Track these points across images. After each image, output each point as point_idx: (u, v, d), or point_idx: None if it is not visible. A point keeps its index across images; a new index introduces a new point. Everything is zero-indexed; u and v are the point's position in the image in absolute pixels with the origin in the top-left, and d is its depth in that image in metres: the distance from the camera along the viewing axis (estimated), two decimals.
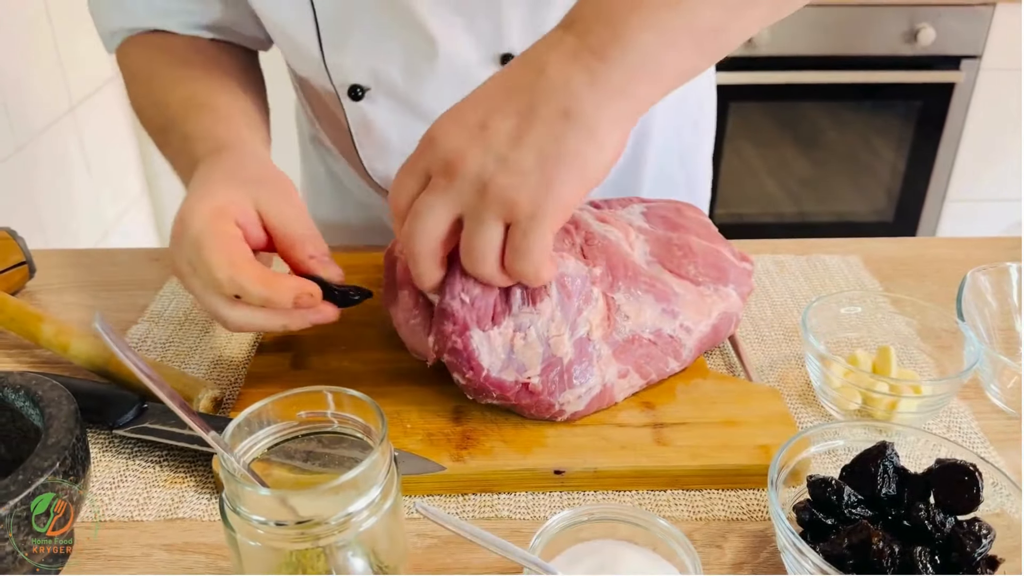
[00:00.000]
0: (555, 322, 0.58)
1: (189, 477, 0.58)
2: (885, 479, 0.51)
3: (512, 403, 0.58)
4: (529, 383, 0.57)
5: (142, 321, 0.74)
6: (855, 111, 2.15)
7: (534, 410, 0.58)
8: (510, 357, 0.57)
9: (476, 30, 0.74)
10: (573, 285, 0.59)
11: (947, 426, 0.63)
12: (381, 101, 0.78)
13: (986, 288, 0.71)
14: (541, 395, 0.57)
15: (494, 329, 0.57)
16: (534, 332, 0.57)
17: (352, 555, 0.44)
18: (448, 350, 0.57)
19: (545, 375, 0.57)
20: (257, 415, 0.44)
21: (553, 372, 0.57)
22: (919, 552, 0.46)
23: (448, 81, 0.76)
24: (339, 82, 0.77)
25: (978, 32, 1.99)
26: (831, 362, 0.62)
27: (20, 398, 0.52)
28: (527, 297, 0.57)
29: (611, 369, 0.59)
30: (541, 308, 0.57)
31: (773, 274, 0.82)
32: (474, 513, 0.55)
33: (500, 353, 0.57)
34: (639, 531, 0.49)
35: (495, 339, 0.57)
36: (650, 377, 0.62)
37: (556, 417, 0.58)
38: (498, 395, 0.57)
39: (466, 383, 0.58)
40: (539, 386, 0.57)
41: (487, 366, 0.57)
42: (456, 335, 0.56)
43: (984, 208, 2.21)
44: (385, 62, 0.76)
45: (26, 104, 1.66)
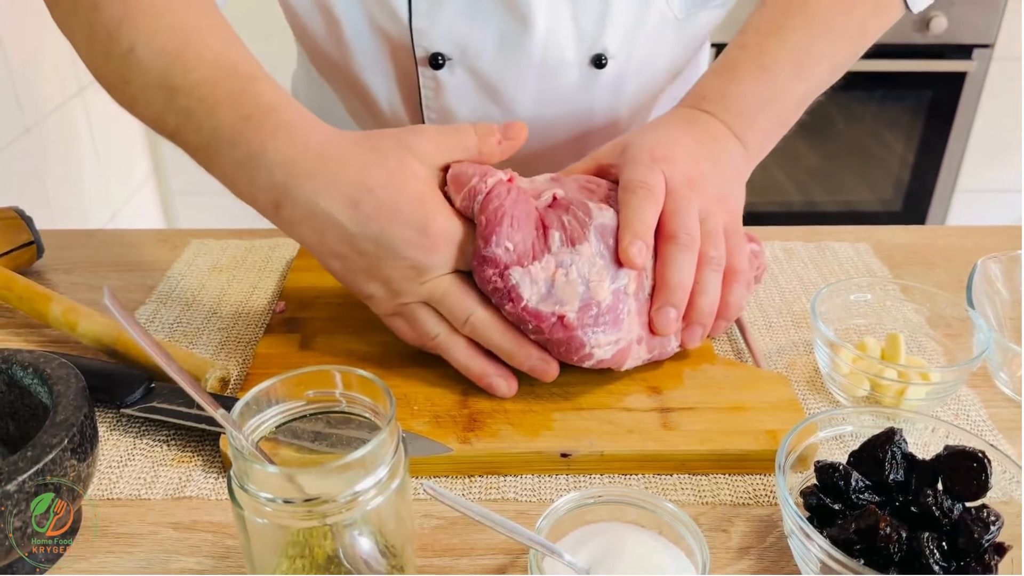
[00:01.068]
0: (596, 268, 0.58)
1: (196, 456, 0.58)
2: (893, 465, 0.50)
3: (546, 336, 0.58)
4: (565, 317, 0.57)
5: (150, 301, 0.75)
6: (865, 101, 2.14)
7: (564, 347, 0.58)
8: (550, 291, 0.57)
9: (580, 23, 0.74)
10: (613, 237, 0.59)
11: (955, 414, 0.63)
12: (459, 73, 0.77)
13: (996, 276, 0.70)
14: (575, 331, 0.57)
15: (535, 264, 0.57)
16: (575, 271, 0.58)
17: (359, 534, 0.44)
18: (489, 290, 0.58)
19: (582, 313, 0.57)
20: (265, 394, 0.44)
21: (590, 313, 0.57)
22: (926, 538, 0.46)
23: (534, 70, 0.76)
24: (423, 48, 0.75)
25: (990, 21, 1.98)
26: (840, 348, 0.61)
27: (29, 376, 0.52)
28: (565, 239, 0.58)
29: (635, 329, 0.60)
30: (580, 250, 0.58)
31: (782, 261, 0.82)
32: (480, 495, 0.56)
33: (541, 286, 0.57)
34: (645, 514, 0.49)
35: (537, 273, 0.57)
36: (654, 351, 0.62)
37: (583, 360, 0.58)
38: (534, 326, 0.57)
39: (506, 315, 0.58)
40: (574, 322, 0.57)
41: (527, 297, 0.57)
42: (496, 276, 0.57)
43: (994, 198, 2.20)
44: (478, 37, 0.74)
45: (35, 86, 1.66)
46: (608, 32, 0.75)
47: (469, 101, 0.78)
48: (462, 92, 0.78)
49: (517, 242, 0.57)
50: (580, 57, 0.76)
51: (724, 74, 0.69)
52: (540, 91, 0.77)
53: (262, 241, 0.84)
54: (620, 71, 0.78)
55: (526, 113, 0.79)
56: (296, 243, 0.82)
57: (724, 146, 0.66)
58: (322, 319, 0.69)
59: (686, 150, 0.63)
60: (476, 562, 0.51)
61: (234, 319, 0.72)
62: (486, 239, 0.57)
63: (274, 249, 0.82)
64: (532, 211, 0.59)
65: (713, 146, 0.65)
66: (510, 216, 0.57)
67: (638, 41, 0.77)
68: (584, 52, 0.76)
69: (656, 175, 0.61)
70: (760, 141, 0.69)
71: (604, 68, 0.77)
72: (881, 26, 0.74)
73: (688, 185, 0.61)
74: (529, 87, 0.77)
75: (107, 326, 0.66)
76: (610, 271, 0.58)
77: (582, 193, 0.62)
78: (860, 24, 0.73)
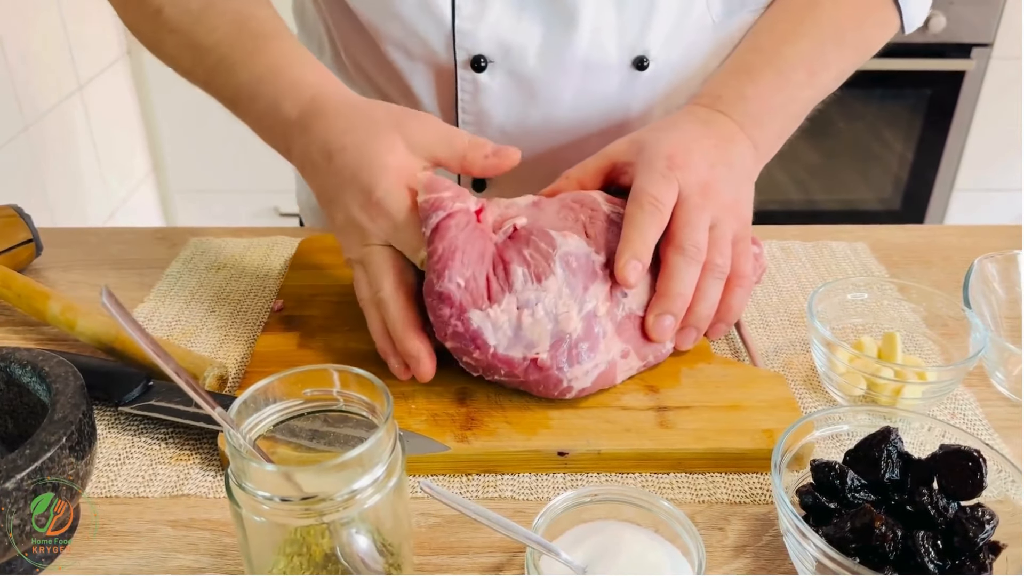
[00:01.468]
0: (563, 299, 0.58)
1: (194, 454, 0.58)
2: (889, 464, 0.51)
3: (520, 380, 0.58)
4: (538, 359, 0.57)
5: (148, 299, 0.75)
6: (864, 99, 2.14)
7: (542, 387, 0.58)
8: (518, 334, 0.57)
9: (624, 25, 0.75)
10: (578, 262, 0.59)
11: (951, 413, 0.63)
12: (499, 76, 0.77)
13: (993, 276, 0.70)
14: (550, 370, 0.57)
15: (493, 307, 0.57)
16: (542, 309, 0.57)
17: (356, 532, 0.44)
18: (450, 335, 0.57)
19: (554, 351, 0.57)
20: (263, 392, 0.45)
21: (562, 348, 0.57)
22: (922, 536, 0.46)
23: (576, 71, 0.76)
24: (465, 50, 0.75)
25: (989, 20, 1.98)
26: (836, 348, 0.61)
27: (27, 374, 0.52)
28: (531, 275, 0.58)
29: (615, 347, 0.60)
30: (547, 285, 0.58)
31: (779, 260, 0.82)
32: (478, 493, 0.56)
33: (507, 331, 0.57)
34: (642, 513, 0.49)
35: (498, 317, 0.57)
36: (647, 359, 0.62)
37: (564, 394, 0.58)
38: (506, 372, 0.58)
39: (474, 362, 0.58)
40: (548, 362, 0.57)
41: (493, 344, 0.57)
42: (455, 318, 0.57)
43: (992, 197, 2.20)
44: (522, 39, 0.74)
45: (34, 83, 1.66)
46: (651, 34, 0.76)
47: (507, 103, 0.78)
48: (501, 94, 0.78)
49: (468, 278, 0.57)
50: (622, 59, 0.76)
51: (741, 76, 0.71)
52: (580, 92, 0.77)
53: (260, 240, 0.84)
54: (658, 73, 0.79)
55: (563, 114, 0.78)
56: (293, 242, 0.82)
57: (738, 148, 0.67)
58: (320, 317, 0.69)
59: (704, 155, 0.64)
60: (473, 560, 0.51)
61: (232, 317, 0.72)
62: (438, 273, 0.57)
63: (272, 248, 0.83)
64: (488, 250, 0.59)
65: (729, 148, 0.66)
66: (461, 251, 0.57)
67: (677, 44, 0.78)
68: (626, 54, 0.76)
69: (670, 185, 0.62)
70: (770, 143, 0.71)
71: (645, 70, 0.77)
72: (882, 40, 0.77)
73: (702, 193, 0.62)
74: (569, 88, 0.77)
75: (105, 324, 0.66)
76: (577, 298, 0.58)
77: (562, 213, 0.62)
78: (867, 36, 0.75)
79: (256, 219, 2.22)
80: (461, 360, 0.59)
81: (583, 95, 0.78)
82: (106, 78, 1.93)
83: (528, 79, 0.76)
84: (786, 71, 0.70)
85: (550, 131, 0.80)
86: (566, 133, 0.79)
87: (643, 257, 0.60)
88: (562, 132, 0.79)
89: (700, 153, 0.64)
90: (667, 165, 0.62)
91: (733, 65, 0.72)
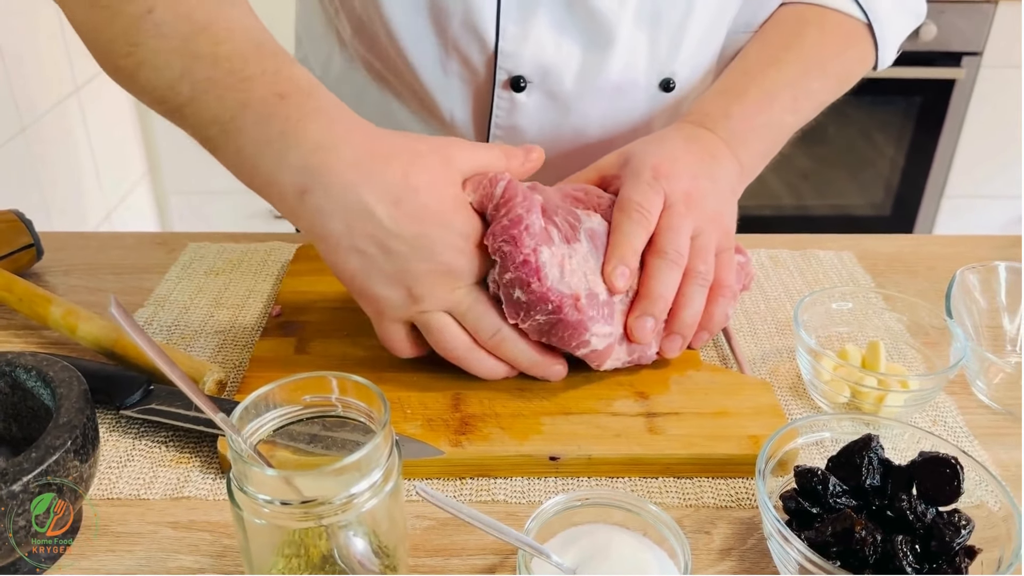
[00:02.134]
0: (589, 264, 0.61)
1: (194, 457, 0.59)
2: (870, 470, 0.52)
3: (556, 319, 0.59)
4: (579, 300, 0.59)
5: (148, 304, 0.76)
6: (856, 105, 2.16)
7: (569, 331, 0.59)
8: (562, 276, 0.59)
9: (655, 48, 0.77)
10: (600, 240, 0.62)
11: (933, 420, 0.65)
12: (536, 96, 0.78)
13: (974, 286, 0.72)
14: (584, 315, 0.59)
15: (552, 248, 0.59)
16: (576, 263, 0.60)
17: (353, 535, 0.45)
18: (520, 263, 0.58)
19: (589, 300, 0.59)
20: (264, 398, 0.46)
21: (594, 302, 0.60)
22: (900, 541, 0.48)
23: (608, 92, 0.78)
24: (506, 71, 0.76)
25: (979, 29, 2.00)
26: (821, 356, 0.63)
27: (32, 378, 0.54)
28: (563, 237, 0.60)
29: (618, 328, 0.62)
30: (575, 248, 0.60)
31: (768, 268, 0.84)
32: (471, 496, 0.57)
33: (556, 270, 0.59)
34: (631, 516, 0.50)
35: (551, 257, 0.59)
36: (633, 355, 0.63)
37: (580, 347, 0.60)
38: (553, 307, 0.58)
39: (526, 296, 0.58)
40: (585, 307, 0.59)
41: (551, 278, 0.58)
42: (531, 249, 0.58)
43: (981, 204, 2.23)
44: (561, 60, 0.76)
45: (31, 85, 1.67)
46: (680, 57, 0.79)
47: (540, 121, 0.80)
48: (535, 113, 0.79)
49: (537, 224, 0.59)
50: (649, 81, 0.79)
51: (728, 95, 0.73)
52: (609, 112, 0.80)
53: (258, 245, 0.85)
54: (682, 94, 0.82)
55: (592, 132, 0.81)
56: (291, 248, 0.83)
57: (722, 164, 0.69)
58: (317, 323, 0.70)
59: (687, 167, 0.66)
60: (467, 562, 0.52)
61: (231, 322, 0.73)
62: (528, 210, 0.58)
63: (270, 253, 0.84)
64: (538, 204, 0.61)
65: (712, 164, 0.68)
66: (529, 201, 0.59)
67: (698, 66, 0.82)
68: (655, 76, 0.79)
69: (655, 193, 0.63)
70: (754, 162, 0.72)
71: (671, 92, 0.81)
72: (860, 73, 0.80)
73: (686, 202, 0.64)
74: (600, 108, 0.79)
75: (106, 329, 0.67)
76: (599, 270, 0.61)
77: (566, 201, 0.64)
78: (848, 69, 0.78)
79: (251, 221, 2.23)
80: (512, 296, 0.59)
81: (612, 114, 0.80)
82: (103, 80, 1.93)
83: (563, 99, 0.78)
84: (771, 93, 0.73)
85: (578, 146, 0.82)
86: (592, 148, 0.82)
87: (630, 263, 0.61)
88: (589, 147, 0.82)
89: (685, 165, 0.65)
90: (653, 175, 0.64)
91: (721, 85, 0.75)
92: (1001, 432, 0.64)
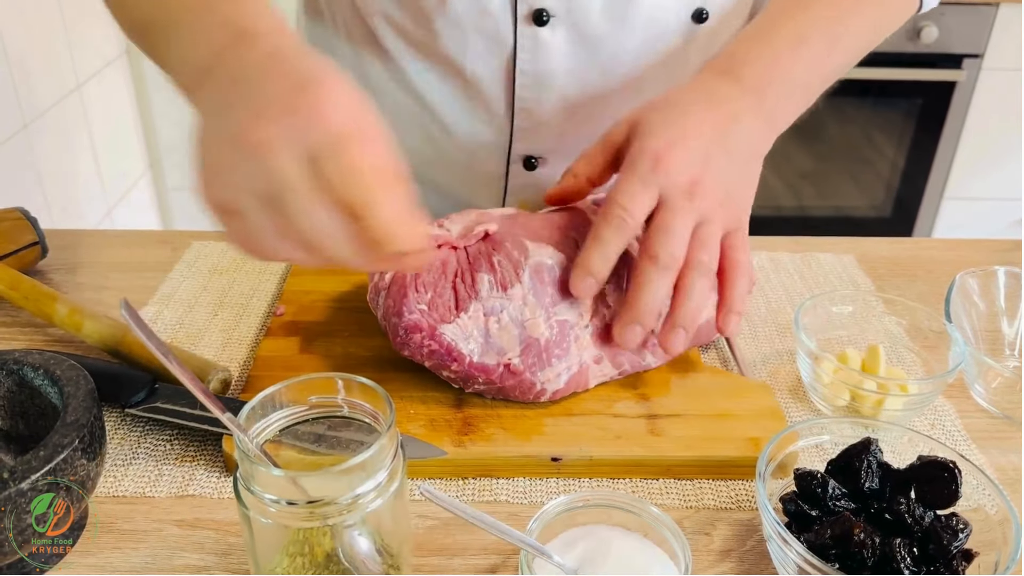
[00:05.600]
0: (528, 306, 0.60)
1: (199, 456, 0.60)
2: (869, 473, 0.53)
3: (497, 386, 0.60)
4: (511, 364, 0.59)
5: (152, 303, 0.76)
6: (857, 107, 2.17)
7: (518, 391, 0.60)
8: (488, 341, 0.59)
9: None
10: (550, 273, 0.61)
11: (932, 424, 0.65)
12: (561, 31, 0.75)
13: (974, 290, 0.73)
14: (523, 375, 0.59)
15: (462, 316, 0.59)
16: (507, 316, 0.60)
17: (358, 534, 0.46)
18: (426, 355, 0.60)
19: (525, 356, 0.59)
20: (271, 398, 0.46)
21: (532, 352, 0.59)
22: (898, 544, 0.48)
23: (639, 25, 0.75)
24: (527, 3, 0.74)
25: (980, 31, 2.01)
26: (821, 359, 0.64)
27: (39, 376, 0.54)
28: (496, 283, 0.60)
29: (587, 353, 0.62)
30: (511, 294, 0.60)
31: (768, 271, 0.84)
32: (473, 497, 0.58)
33: (478, 337, 0.59)
34: (631, 517, 0.51)
35: (467, 325, 0.59)
36: (623, 367, 0.64)
37: (538, 397, 0.61)
38: (484, 379, 0.60)
39: (454, 375, 0.60)
40: (520, 366, 0.59)
41: (468, 352, 0.59)
42: (427, 339, 0.59)
43: (981, 207, 2.23)
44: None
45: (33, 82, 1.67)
46: None
47: (567, 61, 0.76)
48: (562, 51, 0.76)
49: (430, 300, 0.60)
50: (680, 11, 0.76)
51: (757, 39, 0.68)
52: (641, 47, 0.77)
53: None
54: (716, 27, 0.78)
55: (625, 71, 0.78)
56: None
57: (743, 126, 0.63)
58: (320, 323, 0.71)
59: (699, 148, 0.60)
60: (469, 562, 0.53)
61: (235, 321, 0.74)
62: (397, 310, 0.60)
63: None
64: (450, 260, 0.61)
65: (731, 130, 0.62)
66: (413, 277, 0.60)
67: None
68: (686, 5, 0.76)
69: (646, 192, 0.59)
70: (784, 112, 0.68)
71: (704, 23, 0.77)
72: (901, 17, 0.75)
73: (688, 195, 0.59)
74: (632, 43, 0.76)
75: (112, 327, 0.67)
76: (542, 306, 0.60)
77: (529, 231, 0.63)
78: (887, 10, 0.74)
79: None
80: (441, 374, 0.61)
81: (644, 49, 0.77)
82: (104, 77, 1.94)
83: (591, 36, 0.75)
84: (802, 35, 0.68)
85: (610, 90, 0.78)
86: (626, 92, 0.78)
87: (598, 273, 0.59)
88: (622, 91, 0.78)
89: (696, 145, 0.60)
90: (651, 168, 0.59)
91: (751, 28, 0.70)
92: (999, 436, 0.64)
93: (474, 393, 0.62)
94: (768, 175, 2.18)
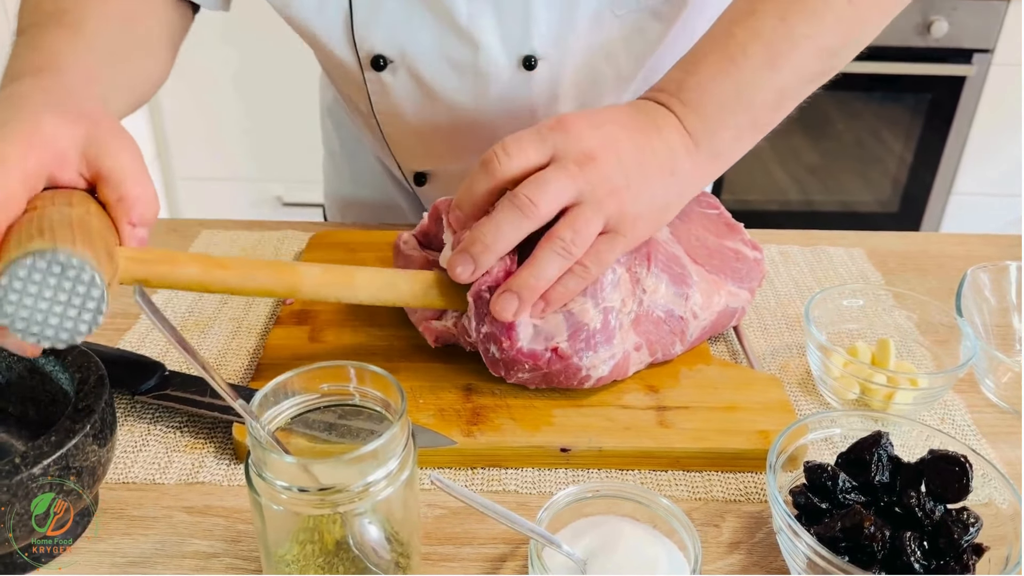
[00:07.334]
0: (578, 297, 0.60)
1: (209, 443, 0.60)
2: (879, 467, 0.53)
3: (543, 372, 0.60)
4: (558, 348, 0.59)
5: (162, 291, 0.76)
6: (865, 101, 2.16)
7: (563, 376, 0.60)
8: (536, 328, 0.59)
9: (504, 26, 0.75)
10: None
11: (941, 418, 0.65)
12: (402, 75, 0.78)
13: (985, 285, 0.72)
14: (571, 359, 0.59)
15: None
16: None
17: (368, 522, 0.46)
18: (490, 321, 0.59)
19: (573, 340, 0.59)
20: (283, 386, 0.46)
21: (580, 337, 0.59)
22: (908, 537, 0.48)
23: (468, 72, 0.77)
24: (365, 51, 0.77)
25: (991, 26, 2.00)
26: (831, 353, 0.63)
27: (50, 362, 0.54)
28: None
29: (629, 340, 0.62)
30: None
31: (778, 264, 0.84)
32: (483, 486, 0.58)
33: (527, 326, 0.59)
34: (640, 508, 0.51)
35: None
36: (656, 355, 0.64)
37: (583, 383, 0.60)
38: (531, 366, 0.59)
39: (501, 355, 0.59)
40: (568, 351, 0.59)
41: (521, 339, 0.59)
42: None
43: (989, 202, 2.22)
44: (414, 40, 0.76)
45: None
46: (534, 33, 0.75)
47: (413, 102, 0.80)
48: (405, 93, 0.80)
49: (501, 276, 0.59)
50: (509, 59, 0.77)
51: (686, 64, 0.64)
52: (476, 92, 0.79)
53: (271, 233, 0.86)
54: (555, 72, 0.78)
55: (468, 115, 0.80)
56: (304, 236, 0.84)
57: (666, 136, 0.61)
58: (330, 312, 0.71)
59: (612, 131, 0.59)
60: (478, 551, 0.53)
61: (245, 310, 0.74)
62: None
63: (283, 241, 0.84)
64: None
65: (652, 135, 0.60)
66: None
67: (572, 42, 0.76)
68: (513, 54, 0.76)
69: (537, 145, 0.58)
70: (723, 139, 0.63)
71: (535, 69, 0.77)
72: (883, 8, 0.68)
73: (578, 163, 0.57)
74: (466, 89, 0.78)
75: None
76: (591, 295, 0.60)
77: None
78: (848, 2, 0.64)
79: (259, 208, 2.24)
80: (486, 356, 0.61)
81: (480, 95, 0.79)
82: None
83: (426, 80, 0.78)
84: (737, 56, 0.62)
85: (461, 132, 0.81)
86: (478, 133, 0.80)
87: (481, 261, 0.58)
88: (473, 132, 0.81)
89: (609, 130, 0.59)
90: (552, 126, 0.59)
91: (684, 56, 0.65)
92: (1009, 431, 0.64)
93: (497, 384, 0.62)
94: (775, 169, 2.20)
